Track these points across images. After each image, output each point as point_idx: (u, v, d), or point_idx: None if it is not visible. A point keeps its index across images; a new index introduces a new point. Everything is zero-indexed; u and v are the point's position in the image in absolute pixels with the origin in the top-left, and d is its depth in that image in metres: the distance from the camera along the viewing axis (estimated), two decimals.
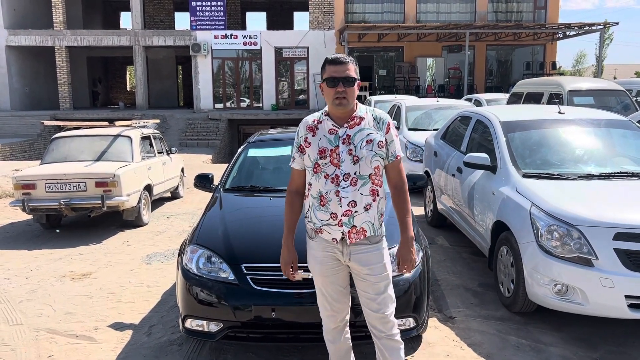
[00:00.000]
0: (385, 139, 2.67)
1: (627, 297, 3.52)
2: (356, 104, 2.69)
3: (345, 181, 2.61)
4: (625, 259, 3.54)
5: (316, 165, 2.65)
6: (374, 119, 2.69)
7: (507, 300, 4.29)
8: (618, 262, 3.53)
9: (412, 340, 3.68)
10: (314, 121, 2.72)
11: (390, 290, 2.75)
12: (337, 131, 2.65)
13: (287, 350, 3.67)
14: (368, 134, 2.64)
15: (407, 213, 2.74)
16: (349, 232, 2.64)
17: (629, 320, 3.90)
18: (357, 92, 2.64)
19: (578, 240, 3.65)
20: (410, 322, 3.33)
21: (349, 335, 2.96)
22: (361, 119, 2.66)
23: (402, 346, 2.82)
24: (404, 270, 2.81)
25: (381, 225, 2.73)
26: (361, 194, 2.62)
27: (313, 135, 2.68)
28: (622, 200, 3.99)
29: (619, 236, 3.57)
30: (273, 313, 3.17)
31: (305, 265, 3.22)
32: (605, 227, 3.62)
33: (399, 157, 2.72)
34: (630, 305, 3.54)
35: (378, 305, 2.71)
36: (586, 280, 3.59)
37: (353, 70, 2.61)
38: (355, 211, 2.62)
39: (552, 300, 3.77)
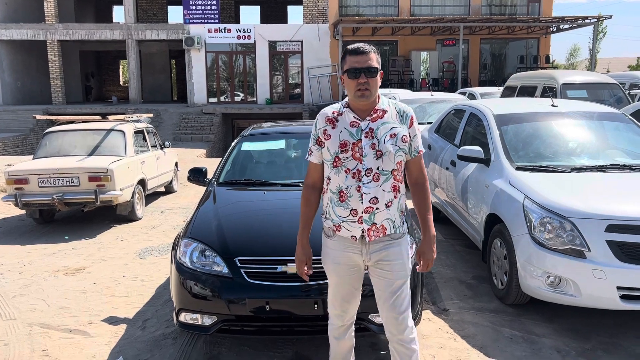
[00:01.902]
0: (409, 133, 2.57)
1: (618, 288, 3.55)
2: (378, 96, 2.58)
3: (367, 176, 2.50)
4: (617, 251, 3.56)
5: (336, 159, 2.54)
6: (397, 112, 2.58)
7: (501, 293, 4.31)
8: (610, 254, 3.56)
9: None
10: (333, 113, 2.60)
11: (407, 291, 2.65)
12: (359, 124, 2.53)
13: (281, 343, 3.68)
14: (392, 128, 2.53)
15: (429, 210, 2.65)
16: (368, 229, 2.53)
17: (621, 311, 3.93)
18: (379, 83, 2.54)
19: (570, 232, 3.67)
20: None
21: (353, 334, 2.90)
22: (384, 111, 2.55)
23: (416, 354, 2.68)
24: (425, 268, 2.69)
25: (403, 222, 2.63)
26: (383, 190, 2.52)
27: (333, 128, 2.56)
28: (614, 193, 4.01)
29: (611, 228, 3.59)
30: (267, 306, 3.17)
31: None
32: (597, 219, 3.64)
33: (421, 153, 2.63)
34: (622, 297, 3.56)
35: (392, 305, 2.60)
36: (578, 272, 3.61)
37: (375, 60, 2.50)
38: (377, 208, 2.51)
39: (545, 292, 3.79)
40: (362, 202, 2.51)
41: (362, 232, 2.55)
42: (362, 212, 2.51)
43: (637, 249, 3.55)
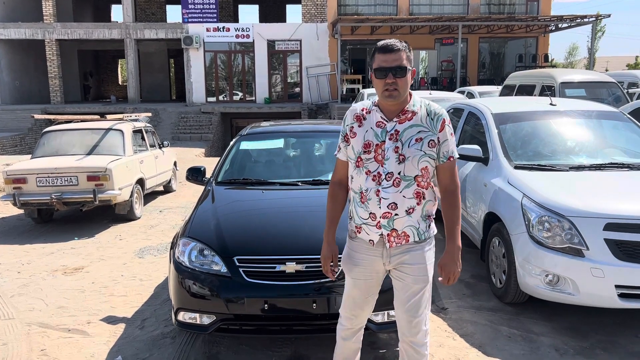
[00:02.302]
0: (438, 137, 2.41)
1: (617, 286, 3.55)
2: (410, 94, 2.45)
3: (387, 181, 2.40)
4: (616, 249, 3.56)
5: (359, 159, 2.46)
6: (428, 115, 2.43)
7: (499, 291, 4.32)
8: (608, 252, 3.56)
9: None
10: (362, 110, 2.50)
11: (427, 295, 2.56)
12: (385, 125, 2.42)
13: (280, 342, 3.68)
14: (419, 132, 2.40)
15: (457, 221, 2.48)
16: (388, 235, 2.44)
17: (619, 310, 3.94)
18: (410, 82, 2.39)
19: (569, 231, 3.67)
20: None
21: (361, 338, 2.82)
22: (413, 113, 2.42)
23: (425, 359, 2.62)
24: (447, 282, 2.53)
25: (428, 227, 2.51)
26: (403, 196, 2.40)
27: (359, 126, 2.47)
28: (612, 191, 4.01)
29: (609, 226, 3.60)
30: (266, 305, 3.17)
31: (299, 257, 3.25)
32: (595, 217, 3.64)
33: (452, 159, 2.45)
34: (620, 295, 3.57)
35: (408, 308, 2.53)
36: (577, 271, 3.62)
37: (405, 58, 2.36)
38: (396, 214, 2.41)
39: (543, 291, 3.80)
40: (379, 207, 2.42)
41: (381, 237, 2.46)
42: (380, 217, 2.43)
43: (635, 247, 3.56)
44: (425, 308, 2.56)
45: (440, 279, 2.55)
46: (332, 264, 2.64)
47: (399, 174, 2.40)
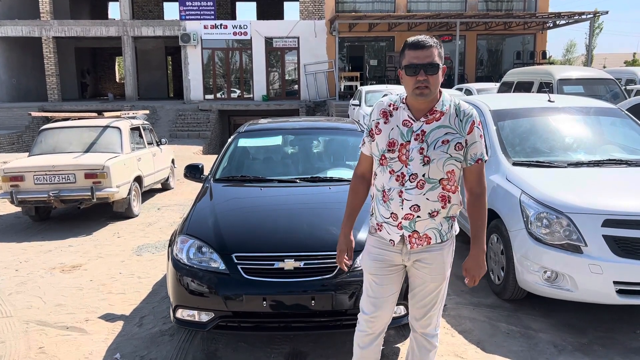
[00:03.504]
0: (466, 140, 2.33)
1: (615, 283, 3.55)
2: (440, 92, 2.36)
3: (410, 182, 2.33)
4: (614, 246, 3.57)
5: (382, 157, 2.39)
6: (457, 115, 2.33)
7: (498, 288, 4.32)
8: (606, 249, 3.56)
9: (403, 327, 3.70)
10: (389, 105, 2.42)
11: (442, 293, 2.54)
12: (411, 124, 2.34)
13: (278, 339, 3.67)
14: (446, 133, 2.31)
15: (482, 224, 2.42)
16: (409, 236, 2.39)
17: (617, 306, 3.95)
18: (441, 80, 2.31)
19: (567, 228, 3.67)
20: (401, 310, 3.33)
21: (380, 347, 2.69)
22: (442, 113, 2.33)
23: (435, 350, 2.64)
24: (471, 283, 2.49)
25: (451, 227, 2.46)
26: (427, 198, 2.34)
27: (385, 123, 2.39)
28: (610, 188, 4.01)
29: (607, 223, 3.60)
30: (264, 302, 3.16)
31: (298, 254, 3.25)
32: (594, 214, 3.64)
33: (479, 162, 2.37)
34: (619, 291, 3.57)
35: (422, 302, 2.53)
36: (575, 267, 3.62)
37: (437, 55, 2.27)
38: (418, 216, 2.35)
39: (542, 287, 3.80)
40: (402, 208, 2.36)
41: (402, 237, 2.41)
42: (402, 218, 2.37)
43: (634, 243, 3.56)
44: (440, 303, 2.57)
45: (466, 280, 2.53)
46: (346, 256, 2.61)
47: (424, 175, 2.33)
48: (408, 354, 2.77)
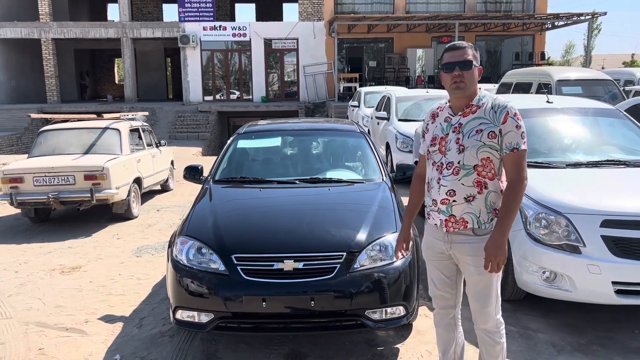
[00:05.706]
0: (500, 129, 2.49)
1: (613, 283, 3.56)
2: (478, 89, 2.61)
3: (447, 169, 2.56)
4: (612, 246, 3.57)
5: (428, 152, 2.68)
6: (492, 108, 2.53)
7: None
8: (605, 249, 3.57)
9: (402, 328, 3.71)
10: (438, 108, 2.74)
11: (492, 286, 2.62)
12: (451, 119, 2.61)
13: (278, 340, 3.68)
14: (480, 124, 2.52)
15: (509, 210, 2.47)
16: (446, 220, 2.58)
17: (615, 306, 3.95)
18: (477, 78, 2.56)
19: (566, 228, 3.68)
20: (400, 311, 3.35)
21: (453, 328, 2.89)
22: (478, 107, 2.56)
23: (500, 346, 2.69)
24: (487, 267, 2.50)
25: (491, 220, 2.54)
26: (462, 184, 2.53)
27: (432, 123, 2.71)
28: (609, 188, 4.02)
29: (606, 223, 3.61)
30: (264, 303, 3.17)
31: (297, 255, 3.25)
32: (592, 214, 3.65)
33: (515, 150, 2.48)
34: (617, 292, 3.58)
35: (475, 297, 2.66)
36: (574, 267, 3.62)
37: (471, 54, 2.54)
38: (454, 200, 2.54)
39: (541, 288, 3.81)
40: (439, 193, 2.59)
41: (441, 221, 2.61)
42: (440, 203, 2.59)
43: (632, 244, 3.57)
44: (495, 298, 2.66)
45: (486, 266, 2.54)
46: (404, 247, 2.89)
47: (459, 162, 2.53)
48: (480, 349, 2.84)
